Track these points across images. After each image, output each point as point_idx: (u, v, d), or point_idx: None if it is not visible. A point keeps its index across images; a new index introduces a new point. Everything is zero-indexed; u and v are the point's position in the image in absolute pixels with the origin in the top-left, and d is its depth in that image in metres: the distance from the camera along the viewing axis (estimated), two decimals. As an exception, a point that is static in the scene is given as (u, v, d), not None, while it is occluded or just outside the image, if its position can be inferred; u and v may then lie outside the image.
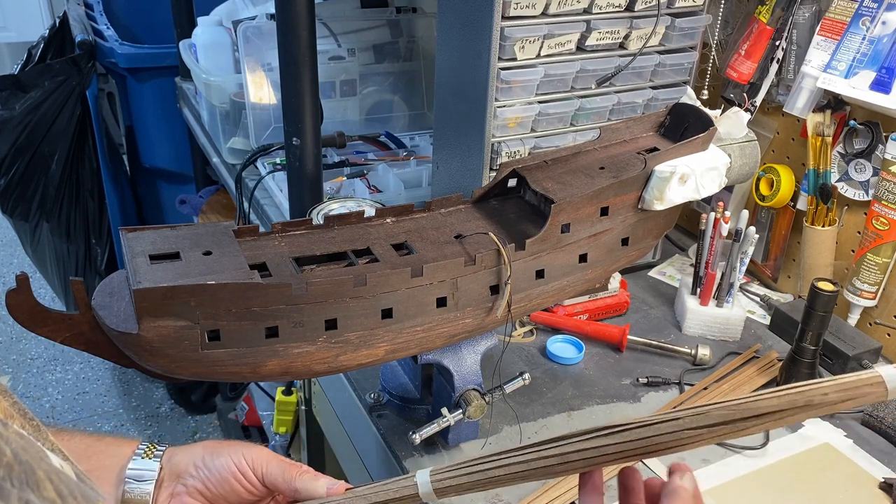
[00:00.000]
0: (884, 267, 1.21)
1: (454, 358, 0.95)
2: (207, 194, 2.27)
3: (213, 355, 0.77)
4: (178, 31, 2.13)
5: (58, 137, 2.29)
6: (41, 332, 0.76)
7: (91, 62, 2.27)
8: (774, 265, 1.41)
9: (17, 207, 2.38)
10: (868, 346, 1.18)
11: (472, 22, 1.12)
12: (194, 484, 0.71)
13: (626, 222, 0.97)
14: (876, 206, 1.19)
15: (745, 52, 1.33)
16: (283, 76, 1.22)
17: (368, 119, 1.81)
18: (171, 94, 2.32)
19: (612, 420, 0.59)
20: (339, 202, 1.31)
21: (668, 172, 0.94)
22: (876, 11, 1.15)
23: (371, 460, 1.13)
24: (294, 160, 1.28)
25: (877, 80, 1.14)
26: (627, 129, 1.04)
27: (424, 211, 0.95)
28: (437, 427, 0.95)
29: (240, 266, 0.78)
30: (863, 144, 1.22)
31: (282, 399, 1.81)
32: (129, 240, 0.80)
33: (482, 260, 0.85)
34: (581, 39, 1.19)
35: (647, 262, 1.45)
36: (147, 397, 2.79)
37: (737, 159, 1.12)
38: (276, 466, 0.72)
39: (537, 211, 0.95)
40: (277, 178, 1.58)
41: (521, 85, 1.16)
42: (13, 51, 3.66)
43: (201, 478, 0.71)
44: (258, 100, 1.66)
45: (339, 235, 0.89)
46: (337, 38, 1.71)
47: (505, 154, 1.18)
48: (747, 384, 1.14)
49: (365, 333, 0.82)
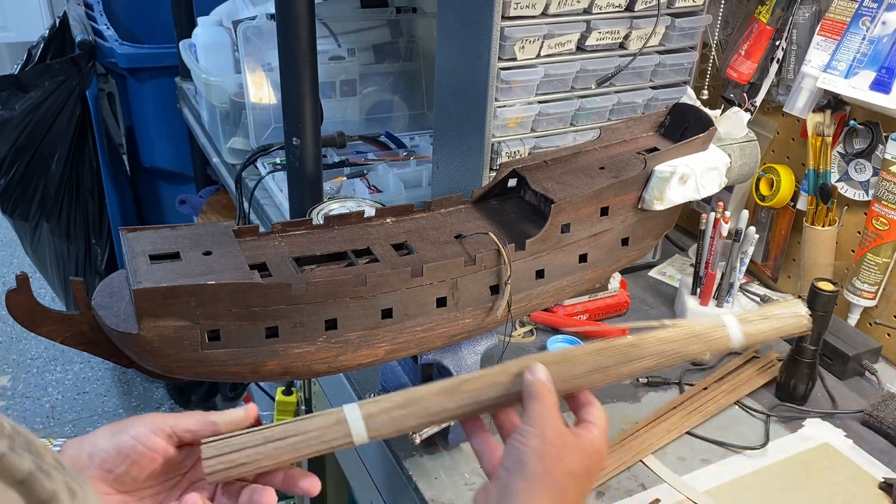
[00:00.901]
0: (884, 267, 1.21)
1: (454, 358, 0.95)
2: (207, 194, 2.27)
3: (213, 355, 0.77)
4: (178, 31, 2.13)
5: (58, 137, 2.29)
6: (41, 332, 0.76)
7: (91, 62, 2.27)
8: (774, 265, 1.41)
9: (17, 207, 2.38)
10: (868, 346, 1.18)
11: (472, 22, 1.12)
12: (94, 472, 0.66)
13: (626, 222, 0.97)
14: (876, 206, 1.19)
15: (745, 52, 1.33)
16: (283, 76, 1.22)
17: (368, 119, 1.81)
18: (171, 94, 2.32)
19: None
20: (339, 202, 1.31)
21: (668, 172, 0.94)
22: (876, 11, 1.15)
23: (371, 460, 1.13)
24: (294, 160, 1.28)
25: (877, 80, 1.14)
26: (627, 129, 1.04)
27: (424, 211, 0.95)
28: (437, 427, 0.95)
29: (240, 266, 0.78)
30: (863, 144, 1.22)
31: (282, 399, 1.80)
32: (129, 240, 0.80)
33: (482, 260, 0.85)
34: (581, 39, 1.19)
35: (647, 262, 1.45)
36: (147, 397, 2.79)
37: (737, 159, 1.12)
38: (181, 416, 0.68)
39: (537, 211, 0.95)
40: (277, 178, 1.58)
41: (521, 85, 1.16)
42: (13, 51, 3.66)
43: (98, 463, 0.66)
44: (258, 100, 1.66)
45: (339, 235, 0.89)
46: (337, 38, 1.71)
47: (505, 154, 1.18)
48: (747, 384, 1.14)
49: (365, 333, 0.82)
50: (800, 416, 1.10)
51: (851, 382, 1.17)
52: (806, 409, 1.10)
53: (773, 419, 1.08)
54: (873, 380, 1.17)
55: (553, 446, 0.65)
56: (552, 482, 0.64)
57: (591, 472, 0.67)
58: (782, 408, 1.10)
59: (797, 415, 1.10)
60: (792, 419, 1.09)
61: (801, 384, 1.10)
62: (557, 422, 0.67)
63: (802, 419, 1.09)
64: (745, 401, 1.12)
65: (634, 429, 1.04)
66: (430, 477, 0.97)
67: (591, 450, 0.67)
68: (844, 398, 1.13)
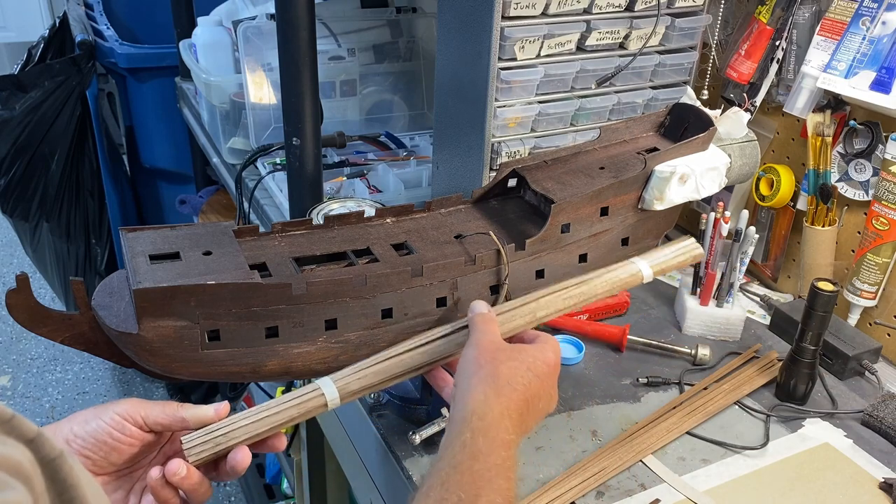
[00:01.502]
0: (884, 267, 1.21)
1: (454, 358, 0.95)
2: (207, 194, 2.27)
3: (213, 355, 0.77)
4: (178, 31, 2.13)
5: (58, 137, 2.29)
6: (41, 332, 0.76)
7: (91, 62, 2.27)
8: (774, 265, 1.41)
9: (17, 207, 2.38)
10: (868, 346, 1.18)
11: (472, 22, 1.12)
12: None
13: (626, 222, 0.97)
14: (876, 206, 1.19)
15: (745, 52, 1.33)
16: (283, 76, 1.22)
17: (368, 119, 1.81)
18: (171, 94, 2.32)
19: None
20: (339, 202, 1.31)
21: (668, 172, 0.94)
22: (876, 11, 1.15)
23: (371, 460, 1.13)
24: (294, 160, 1.28)
25: (877, 80, 1.14)
26: (627, 129, 1.04)
27: (424, 211, 0.95)
28: (437, 427, 0.95)
29: (240, 266, 0.78)
30: (863, 144, 1.22)
31: (282, 399, 1.80)
32: (129, 240, 0.80)
33: (482, 260, 0.85)
34: (581, 39, 1.19)
35: (647, 262, 1.44)
36: (147, 397, 2.78)
37: (737, 159, 1.12)
38: (152, 408, 0.71)
39: (537, 211, 0.95)
40: (277, 178, 1.58)
41: (521, 85, 1.16)
42: (13, 51, 3.65)
43: (77, 450, 0.69)
44: (258, 100, 1.66)
45: (339, 235, 0.89)
46: (337, 38, 1.71)
47: (505, 154, 1.18)
48: (747, 384, 1.14)
49: (365, 333, 0.82)
50: (800, 416, 1.10)
51: (851, 382, 1.17)
52: (806, 409, 1.10)
53: (773, 419, 1.08)
54: (873, 380, 1.17)
55: (487, 351, 0.71)
56: (487, 374, 0.68)
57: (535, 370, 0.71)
58: (782, 408, 1.10)
59: (797, 415, 1.10)
60: (792, 419, 1.09)
61: (801, 384, 1.10)
62: (494, 336, 0.73)
63: (802, 419, 1.09)
64: (745, 401, 1.12)
65: (634, 429, 1.04)
66: (430, 477, 0.97)
67: (532, 350, 0.72)
68: (844, 398, 1.13)
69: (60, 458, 0.42)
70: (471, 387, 0.67)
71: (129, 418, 0.70)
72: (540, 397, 0.70)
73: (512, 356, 0.71)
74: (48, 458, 0.41)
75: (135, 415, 0.70)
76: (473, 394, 0.66)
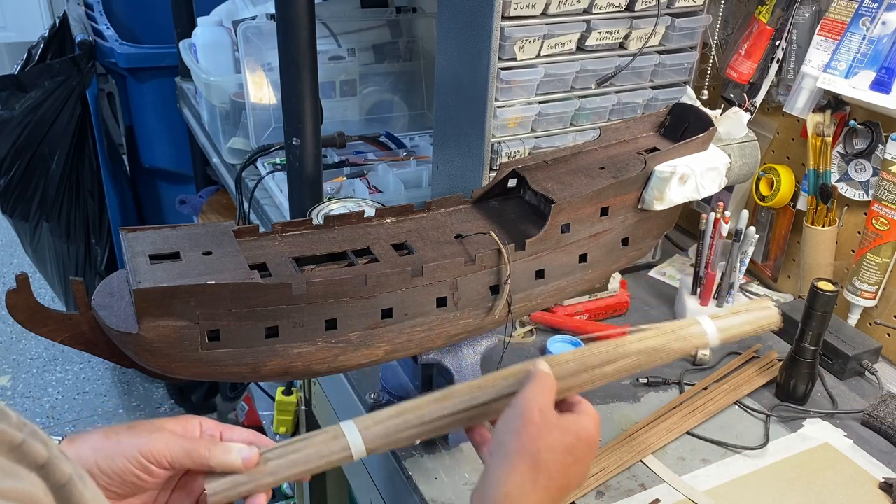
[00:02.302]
0: (884, 267, 1.21)
1: (454, 358, 0.95)
2: (207, 194, 2.27)
3: (213, 355, 0.77)
4: (178, 31, 2.13)
5: (58, 137, 2.29)
6: (41, 332, 0.76)
7: (91, 62, 2.27)
8: (774, 265, 1.41)
9: (17, 207, 2.38)
10: (868, 346, 1.18)
11: (472, 22, 1.12)
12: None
13: (626, 222, 0.97)
14: (876, 206, 1.19)
15: (745, 52, 1.33)
16: (283, 76, 1.22)
17: (368, 119, 1.82)
18: (171, 94, 2.32)
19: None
20: (339, 202, 1.31)
21: (668, 172, 0.94)
22: (876, 11, 1.15)
23: (371, 460, 1.13)
24: (294, 160, 1.28)
25: (877, 80, 1.14)
26: (627, 129, 1.04)
27: (424, 211, 0.95)
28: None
29: (240, 266, 0.78)
30: (863, 144, 1.22)
31: (282, 399, 1.80)
32: (129, 240, 0.80)
33: (482, 260, 0.85)
34: (581, 39, 1.19)
35: (647, 262, 1.45)
36: (147, 397, 2.79)
37: (737, 159, 1.12)
38: (179, 451, 0.69)
39: (537, 211, 0.95)
40: (277, 178, 1.58)
41: (521, 85, 1.16)
42: (13, 51, 3.65)
43: (101, 483, 0.67)
44: (258, 100, 1.66)
45: (339, 235, 0.89)
46: (337, 38, 1.71)
47: (505, 154, 1.18)
48: (747, 384, 1.14)
49: (365, 333, 0.82)
50: (800, 416, 1.10)
51: (851, 382, 1.17)
52: (806, 409, 1.10)
53: (773, 419, 1.08)
54: (873, 380, 1.17)
55: (533, 424, 0.66)
56: (528, 456, 0.65)
57: (576, 453, 0.67)
58: (782, 408, 1.10)
59: (797, 415, 1.10)
60: (792, 419, 1.09)
61: (801, 384, 1.10)
62: (544, 404, 0.68)
63: (802, 419, 1.09)
64: (745, 401, 1.12)
65: (634, 429, 1.04)
66: (430, 477, 0.97)
67: (576, 429, 0.68)
68: (844, 398, 1.13)
69: (70, 484, 0.42)
70: (510, 467, 0.65)
71: (154, 461, 0.68)
72: (577, 478, 0.69)
73: (556, 438, 0.67)
74: (59, 485, 0.41)
75: (161, 459, 0.68)
76: (511, 476, 0.64)
